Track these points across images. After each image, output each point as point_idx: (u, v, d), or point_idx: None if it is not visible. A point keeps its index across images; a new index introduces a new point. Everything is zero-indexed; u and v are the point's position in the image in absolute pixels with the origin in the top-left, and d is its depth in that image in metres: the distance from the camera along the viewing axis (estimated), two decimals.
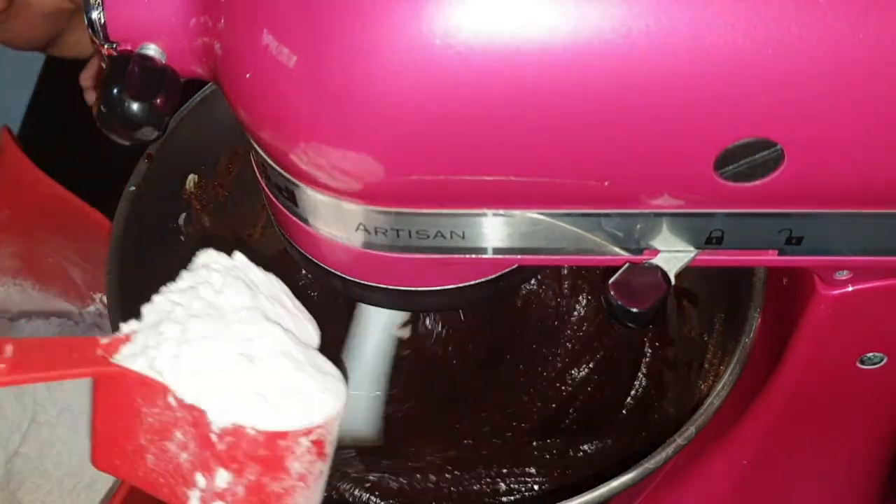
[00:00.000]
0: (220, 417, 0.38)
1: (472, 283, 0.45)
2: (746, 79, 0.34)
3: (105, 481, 0.73)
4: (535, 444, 0.72)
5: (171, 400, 0.38)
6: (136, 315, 0.43)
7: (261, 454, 0.38)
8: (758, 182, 0.37)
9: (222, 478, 0.38)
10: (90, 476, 0.74)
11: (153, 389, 0.38)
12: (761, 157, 0.36)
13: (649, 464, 0.49)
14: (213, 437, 0.38)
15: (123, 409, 0.39)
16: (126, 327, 0.41)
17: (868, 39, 0.33)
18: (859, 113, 0.35)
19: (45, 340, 0.40)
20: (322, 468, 0.40)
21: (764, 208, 0.40)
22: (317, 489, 0.41)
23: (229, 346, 0.39)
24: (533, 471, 0.71)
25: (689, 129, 0.35)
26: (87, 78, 0.84)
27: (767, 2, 0.33)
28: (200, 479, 0.38)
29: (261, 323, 0.40)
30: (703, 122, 0.35)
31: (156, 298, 0.41)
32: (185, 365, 0.38)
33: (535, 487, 0.70)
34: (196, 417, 0.38)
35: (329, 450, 0.40)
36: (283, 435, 0.38)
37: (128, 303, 0.56)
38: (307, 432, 0.38)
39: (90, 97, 0.85)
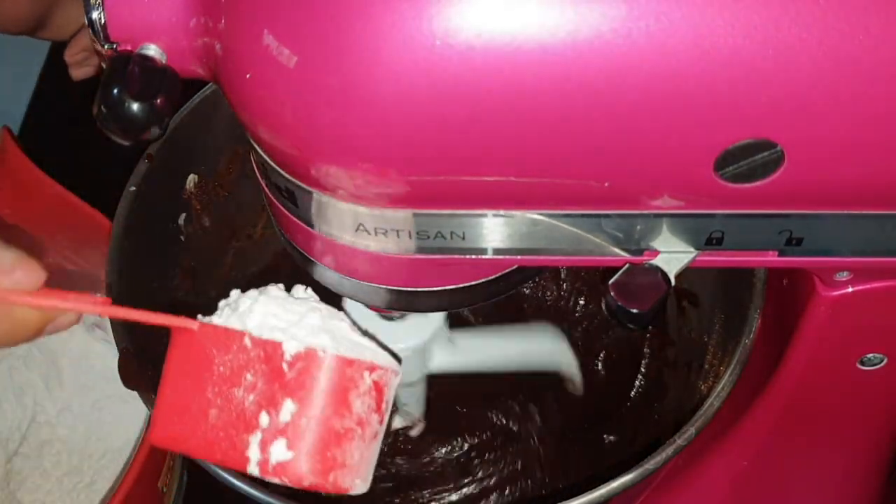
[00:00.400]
0: (294, 344, 0.40)
1: (474, 283, 0.45)
2: (747, 79, 0.34)
3: (105, 481, 0.73)
4: (535, 444, 0.72)
5: (246, 341, 0.40)
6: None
7: (328, 381, 0.40)
8: (758, 183, 0.37)
9: (287, 409, 0.40)
10: (90, 476, 0.74)
11: (229, 336, 0.41)
12: (761, 158, 0.36)
13: (649, 464, 0.49)
14: (285, 367, 0.40)
15: (195, 364, 0.41)
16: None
17: (868, 40, 0.33)
18: (860, 113, 0.35)
19: (132, 312, 0.42)
20: (377, 428, 0.42)
21: (764, 209, 0.39)
22: (370, 452, 0.42)
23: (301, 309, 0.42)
24: (534, 471, 0.71)
25: (689, 130, 0.35)
26: (71, 54, 0.83)
27: (768, 2, 0.33)
28: (264, 417, 0.40)
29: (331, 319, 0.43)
30: (704, 123, 0.35)
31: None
32: (260, 313, 0.41)
33: (536, 487, 0.70)
34: (269, 352, 0.40)
35: (385, 409, 0.42)
36: (350, 363, 0.40)
37: (127, 303, 0.56)
38: (371, 368, 0.41)
39: (75, 73, 0.84)
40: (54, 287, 0.41)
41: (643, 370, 0.72)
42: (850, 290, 0.48)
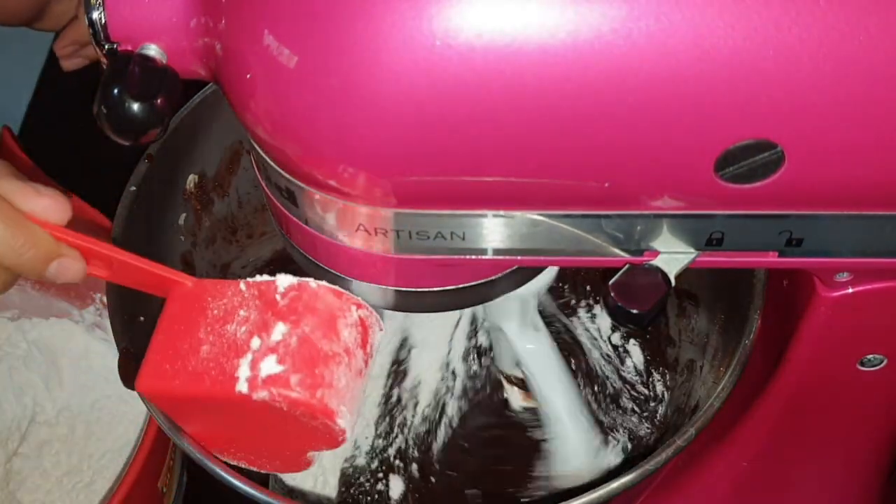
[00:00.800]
0: (286, 278, 0.43)
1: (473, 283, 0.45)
2: (747, 80, 0.34)
3: (105, 481, 0.73)
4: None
5: (241, 286, 0.43)
6: (135, 316, 0.43)
7: (318, 306, 0.42)
8: (758, 184, 0.37)
9: (279, 330, 0.42)
10: (90, 476, 0.74)
11: (225, 284, 0.44)
12: (762, 159, 0.36)
13: (649, 465, 0.49)
14: (278, 297, 0.43)
15: (189, 312, 0.44)
16: None
17: (869, 40, 0.33)
18: (860, 114, 0.35)
19: (129, 256, 0.45)
20: (362, 367, 0.43)
21: (764, 210, 0.39)
22: (356, 386, 0.43)
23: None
24: (534, 472, 0.71)
25: (690, 131, 0.35)
26: (62, 46, 0.82)
27: (768, 3, 0.33)
28: (255, 341, 0.42)
29: None
30: (704, 124, 0.35)
31: None
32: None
33: (536, 488, 0.70)
34: (263, 289, 0.43)
35: (370, 353, 0.44)
36: (339, 293, 0.43)
37: (127, 303, 0.56)
38: (358, 304, 0.44)
39: (66, 64, 0.84)
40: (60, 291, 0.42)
41: (643, 371, 0.72)
42: (850, 290, 0.48)
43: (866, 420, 0.58)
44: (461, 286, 0.45)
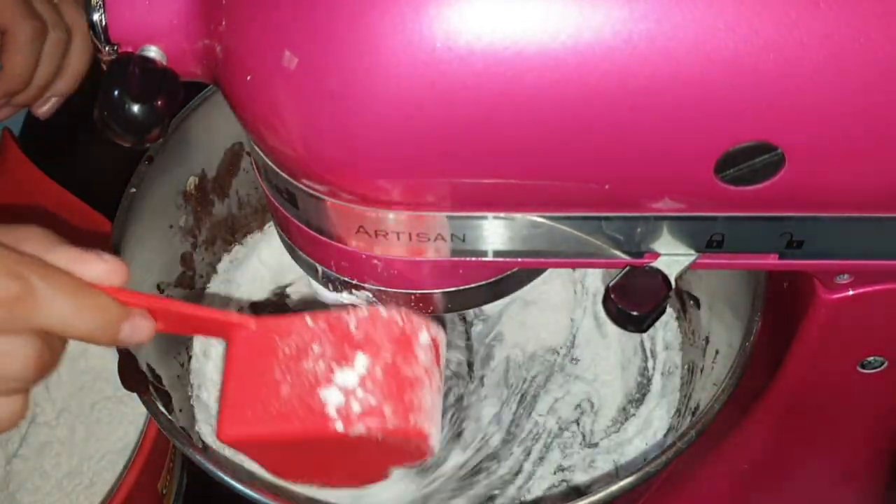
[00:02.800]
0: (359, 309, 0.43)
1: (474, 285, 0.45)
2: (747, 82, 0.34)
3: (104, 483, 0.73)
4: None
5: (308, 321, 0.43)
6: None
7: (393, 332, 0.42)
8: (759, 186, 0.37)
9: (360, 363, 0.41)
10: (89, 478, 0.74)
11: (289, 321, 0.43)
12: (762, 161, 0.36)
13: (650, 467, 0.49)
14: (352, 328, 0.42)
15: (258, 355, 0.42)
16: None
17: (869, 44, 0.33)
18: (860, 117, 0.35)
19: (190, 307, 0.44)
20: (439, 383, 0.44)
21: (765, 212, 0.39)
22: (438, 403, 0.43)
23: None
24: (534, 472, 0.71)
25: (690, 133, 0.35)
26: None
27: (769, 6, 0.33)
28: (339, 375, 0.41)
29: None
30: (704, 126, 0.35)
31: None
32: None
33: (537, 489, 0.70)
34: (333, 323, 0.42)
35: (442, 367, 0.44)
36: (409, 318, 0.43)
37: None
38: (427, 325, 0.43)
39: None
40: None
41: (643, 372, 0.72)
42: (851, 292, 0.48)
43: (866, 422, 0.58)
44: (462, 287, 0.45)
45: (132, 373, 0.56)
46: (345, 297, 0.45)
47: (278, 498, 0.50)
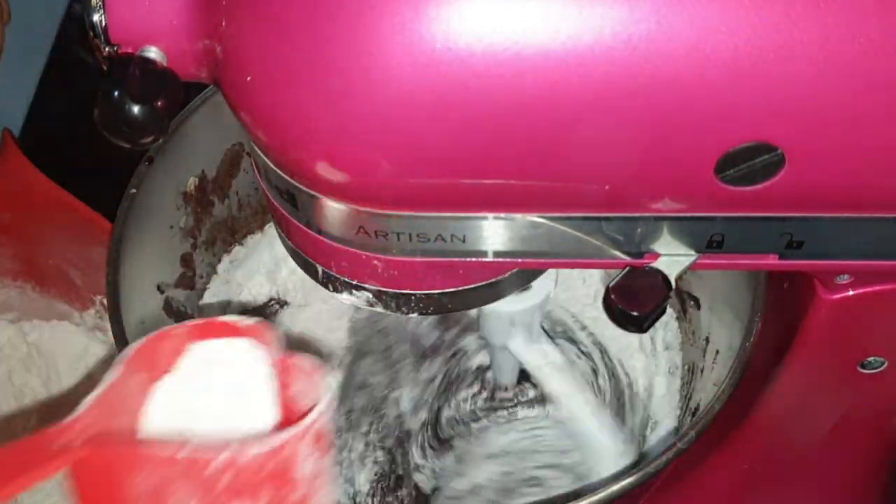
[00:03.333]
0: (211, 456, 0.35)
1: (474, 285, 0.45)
2: (747, 83, 0.34)
3: None
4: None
5: (160, 450, 0.36)
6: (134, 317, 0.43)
7: (267, 470, 0.36)
8: (759, 186, 0.37)
9: None
10: None
11: (133, 452, 0.36)
12: (762, 162, 0.36)
13: (650, 468, 0.49)
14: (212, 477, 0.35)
15: (108, 487, 0.37)
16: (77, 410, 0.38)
17: (869, 43, 0.33)
18: (860, 117, 0.35)
19: None
20: (327, 460, 0.38)
21: (765, 212, 0.39)
22: (330, 474, 0.38)
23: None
24: (535, 472, 0.71)
25: (690, 133, 0.35)
26: None
27: (769, 6, 0.33)
28: None
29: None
30: (704, 126, 0.35)
31: None
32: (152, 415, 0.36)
33: (536, 489, 0.70)
34: (186, 467, 0.35)
35: (329, 438, 0.38)
36: (279, 448, 0.36)
37: (127, 305, 0.56)
38: (307, 425, 0.37)
39: None
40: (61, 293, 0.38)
41: (643, 373, 0.72)
42: (851, 293, 0.48)
43: (867, 423, 0.58)
44: (462, 288, 0.45)
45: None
46: (345, 297, 0.45)
47: None
